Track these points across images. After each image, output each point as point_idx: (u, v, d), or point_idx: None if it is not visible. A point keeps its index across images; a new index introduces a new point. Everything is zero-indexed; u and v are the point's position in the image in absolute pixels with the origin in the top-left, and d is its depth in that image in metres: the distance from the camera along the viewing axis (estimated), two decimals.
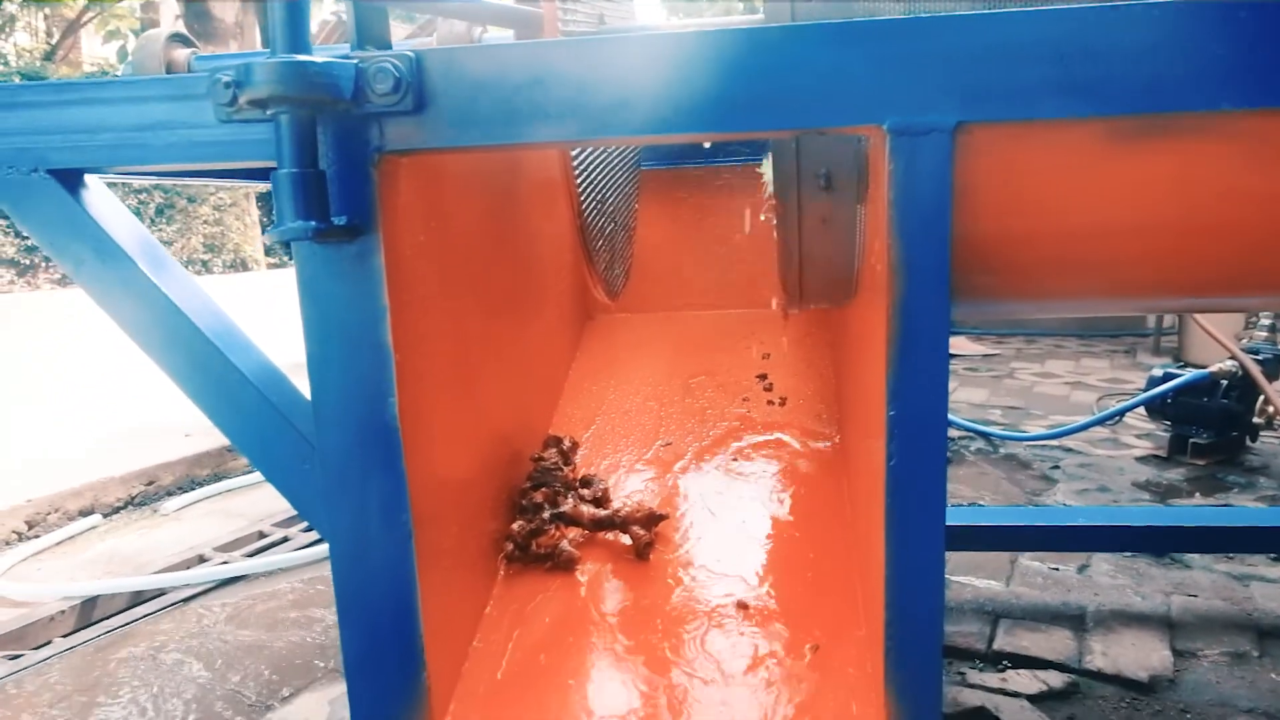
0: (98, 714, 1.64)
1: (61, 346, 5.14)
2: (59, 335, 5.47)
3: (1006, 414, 4.03)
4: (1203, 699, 1.65)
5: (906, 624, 0.98)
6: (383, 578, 1.07)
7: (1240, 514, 2.19)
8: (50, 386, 3.37)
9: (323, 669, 1.79)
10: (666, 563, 1.31)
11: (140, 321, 1.13)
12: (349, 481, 1.06)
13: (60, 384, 2.75)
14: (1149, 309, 1.88)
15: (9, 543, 2.58)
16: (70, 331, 5.52)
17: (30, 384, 4.17)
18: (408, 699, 1.09)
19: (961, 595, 2.09)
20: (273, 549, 2.48)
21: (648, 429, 1.64)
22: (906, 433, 0.95)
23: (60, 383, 2.92)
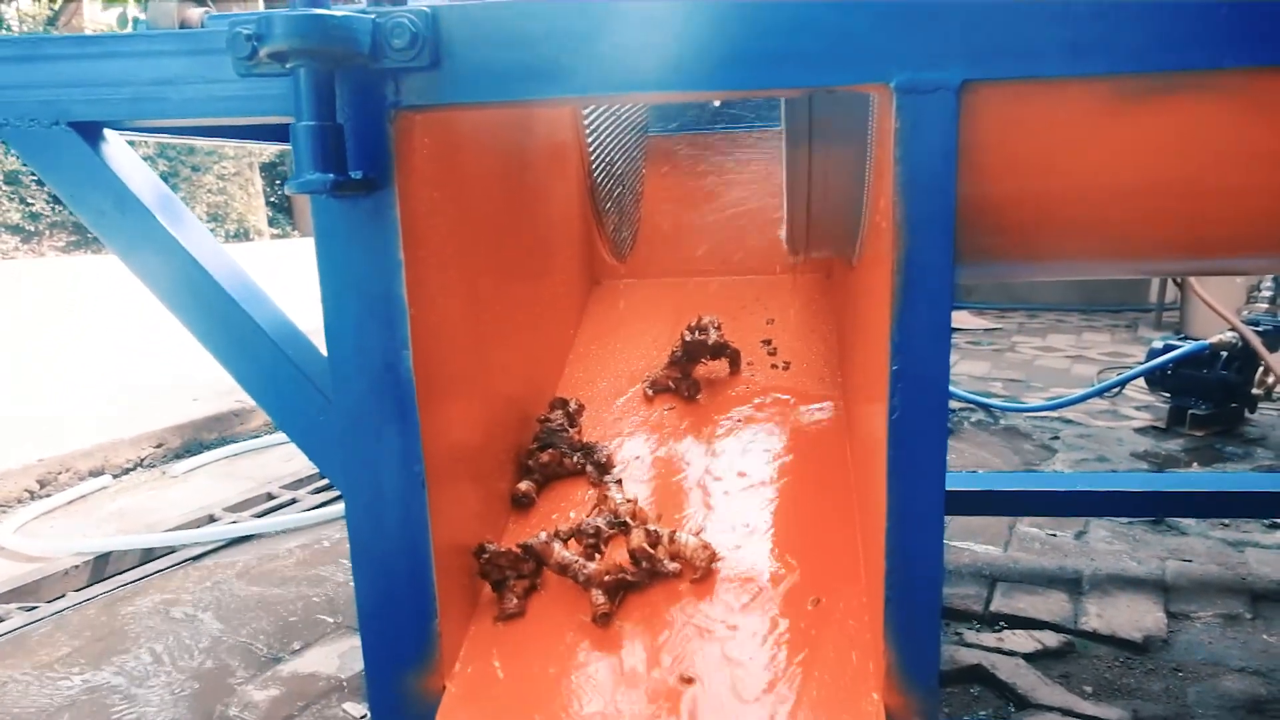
0: (114, 662, 1.68)
1: (67, 313, 5.17)
2: (64, 302, 5.49)
3: (1007, 386, 4.05)
4: (1195, 658, 1.68)
5: (907, 572, 1.01)
6: (396, 527, 1.10)
7: (1235, 479, 2.22)
8: (57, 351, 3.39)
9: (332, 624, 1.82)
10: (673, 519, 1.34)
11: (159, 274, 1.15)
12: (364, 433, 1.08)
13: (66, 349, 2.78)
14: (1153, 271, 1.89)
15: (21, 501, 2.62)
16: (75, 298, 5.55)
17: (37, 348, 4.20)
18: (419, 645, 1.12)
19: (960, 559, 2.13)
20: (281, 510, 2.51)
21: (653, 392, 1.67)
22: (909, 387, 0.97)
23: (66, 348, 2.94)
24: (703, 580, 1.23)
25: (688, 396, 1.62)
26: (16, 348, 4.08)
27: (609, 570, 1.20)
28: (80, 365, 3.92)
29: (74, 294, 5.56)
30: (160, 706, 1.53)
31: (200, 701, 1.54)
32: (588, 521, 1.28)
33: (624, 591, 1.22)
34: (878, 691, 1.05)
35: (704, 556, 1.23)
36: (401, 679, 1.13)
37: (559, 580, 1.25)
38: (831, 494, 1.38)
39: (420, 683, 1.12)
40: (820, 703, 1.06)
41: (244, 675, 1.63)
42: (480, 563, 1.22)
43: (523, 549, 1.22)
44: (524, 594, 1.23)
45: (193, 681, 1.61)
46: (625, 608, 1.21)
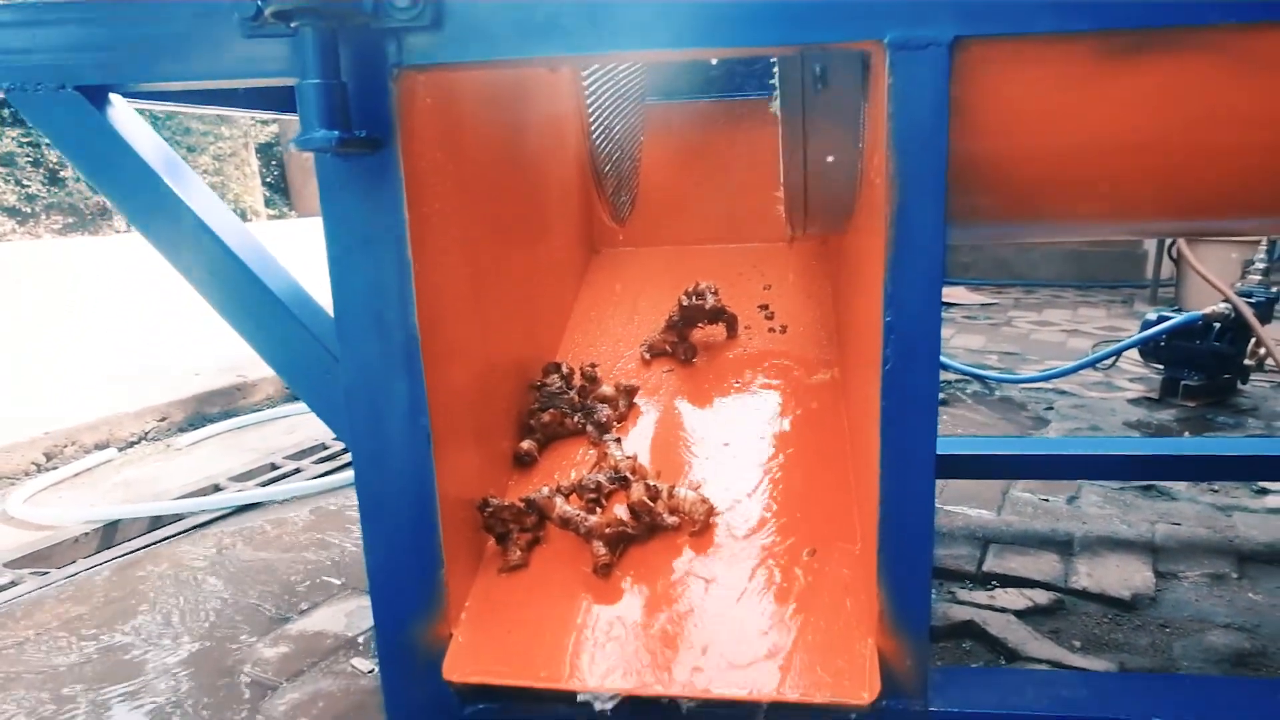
0: (126, 624, 1.71)
1: (65, 292, 5.18)
2: (62, 282, 5.51)
3: (1003, 359, 4.08)
4: (1182, 615, 1.72)
5: (900, 519, 1.04)
6: (402, 480, 1.13)
7: (1223, 444, 2.25)
8: (57, 330, 3.41)
9: (338, 586, 1.86)
10: (671, 477, 1.37)
11: (167, 236, 1.18)
12: (370, 387, 1.11)
13: (66, 327, 2.80)
14: (1145, 231, 1.92)
15: (28, 473, 2.65)
16: (73, 278, 5.56)
17: (37, 327, 4.22)
18: (426, 595, 1.16)
19: (953, 523, 2.16)
20: (285, 479, 2.54)
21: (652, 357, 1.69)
22: (901, 339, 1.00)
23: (66, 326, 2.97)
24: (701, 533, 1.26)
25: (685, 360, 1.64)
26: (15, 327, 4.10)
27: (610, 523, 1.23)
28: (80, 342, 3.94)
29: (71, 275, 5.57)
30: (173, 664, 1.57)
31: (212, 659, 1.58)
32: (589, 477, 1.31)
33: (624, 544, 1.25)
34: (871, 636, 1.09)
35: (702, 510, 1.26)
36: (409, 628, 1.17)
37: (561, 534, 1.28)
38: (827, 453, 1.41)
39: (427, 632, 1.16)
40: (815, 646, 1.10)
41: (254, 634, 1.66)
42: (484, 516, 1.25)
43: (525, 503, 1.25)
44: (527, 547, 1.26)
45: (204, 640, 1.64)
46: (625, 560, 1.25)
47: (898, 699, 1.09)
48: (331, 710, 1.43)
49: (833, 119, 1.11)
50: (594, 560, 1.21)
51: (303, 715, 1.42)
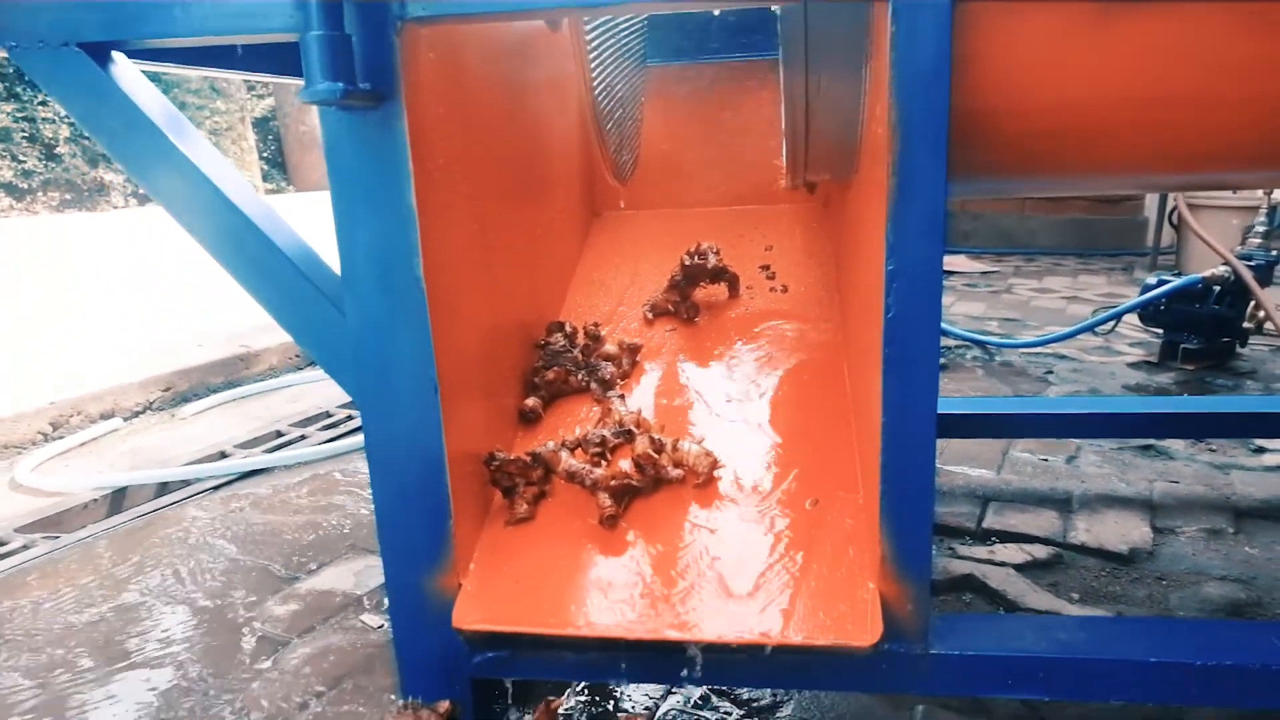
0: (138, 583, 1.73)
1: (66, 267, 5.17)
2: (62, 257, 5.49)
3: (1003, 325, 4.09)
4: (1179, 568, 1.75)
5: (902, 465, 1.06)
6: (410, 432, 1.14)
7: (1221, 402, 2.27)
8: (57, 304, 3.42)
9: (345, 547, 1.88)
10: (675, 431, 1.39)
11: (173, 192, 1.18)
12: (378, 341, 1.12)
13: (66, 302, 2.80)
14: (1145, 185, 1.91)
15: (35, 443, 2.67)
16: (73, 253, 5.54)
17: (38, 302, 4.22)
18: (435, 546, 1.17)
19: (954, 482, 2.18)
20: (291, 446, 2.56)
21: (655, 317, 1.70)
22: (903, 286, 1.01)
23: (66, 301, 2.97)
24: (705, 486, 1.28)
25: (687, 319, 1.66)
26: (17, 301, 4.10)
27: (615, 476, 1.24)
28: (82, 316, 3.95)
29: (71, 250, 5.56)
30: (186, 621, 1.59)
31: (224, 616, 1.60)
32: (593, 432, 1.32)
33: (629, 497, 1.27)
34: (873, 581, 1.11)
35: (706, 463, 1.28)
36: (419, 578, 1.19)
37: (567, 488, 1.30)
38: (829, 408, 1.42)
39: (436, 582, 1.18)
40: (818, 592, 1.12)
41: (264, 593, 1.69)
42: (491, 470, 1.26)
43: (531, 457, 1.27)
44: (533, 500, 1.27)
45: (215, 599, 1.67)
46: (630, 512, 1.27)
47: (899, 642, 1.11)
48: (342, 663, 1.46)
49: (834, 67, 1.11)
50: (599, 512, 1.23)
51: (314, 668, 1.44)
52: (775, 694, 1.35)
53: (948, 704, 1.32)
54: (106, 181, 10.15)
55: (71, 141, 9.77)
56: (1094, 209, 6.77)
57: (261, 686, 1.40)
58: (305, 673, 1.43)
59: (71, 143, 9.78)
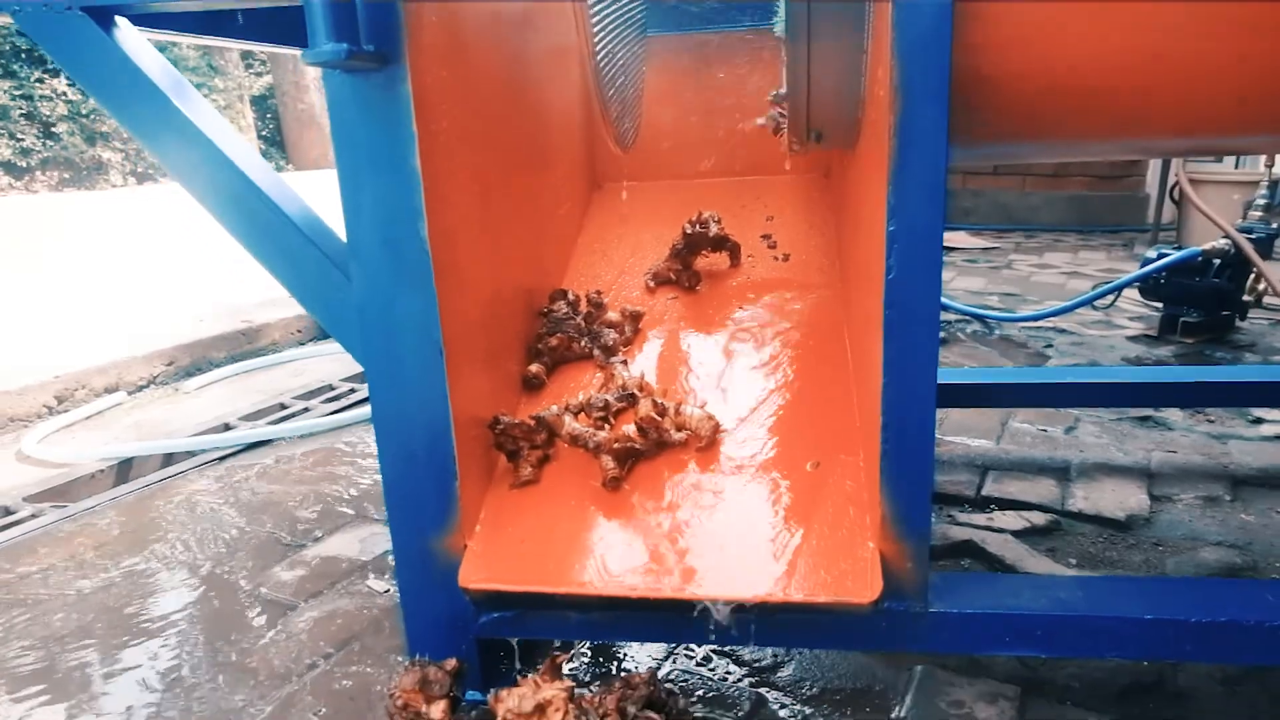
0: (147, 550, 1.75)
1: (65, 246, 5.18)
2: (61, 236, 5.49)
3: (1003, 300, 4.10)
4: (1175, 534, 1.76)
5: (902, 425, 1.07)
6: (416, 394, 1.16)
7: (1220, 371, 2.28)
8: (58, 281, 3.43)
9: (350, 515, 1.90)
10: (676, 393, 1.40)
11: (177, 157, 1.19)
12: (382, 303, 1.13)
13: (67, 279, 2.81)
14: (1148, 150, 1.90)
15: (40, 416, 2.69)
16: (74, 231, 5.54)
17: (39, 278, 4.23)
18: (441, 508, 1.19)
19: (953, 451, 2.20)
20: (294, 418, 2.58)
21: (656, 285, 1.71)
22: (904, 247, 1.02)
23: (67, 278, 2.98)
24: (707, 449, 1.30)
25: (689, 287, 1.66)
26: (18, 277, 4.11)
27: (618, 439, 1.26)
28: (82, 291, 3.95)
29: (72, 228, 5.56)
30: (193, 586, 1.61)
31: (232, 581, 1.62)
32: (597, 396, 1.34)
33: (632, 460, 1.28)
34: (873, 540, 1.13)
35: (709, 427, 1.29)
36: (425, 540, 1.21)
37: (571, 452, 1.31)
38: (829, 372, 1.43)
39: (443, 543, 1.20)
40: (819, 551, 1.13)
41: (271, 559, 1.71)
42: (495, 434, 1.28)
43: (535, 421, 1.28)
44: (538, 464, 1.29)
45: (222, 565, 1.69)
46: (633, 475, 1.28)
47: (899, 600, 1.13)
48: (349, 626, 1.48)
49: (836, 29, 1.12)
50: (603, 474, 1.25)
51: (321, 630, 1.47)
52: (776, 654, 1.38)
53: (946, 663, 1.34)
54: (104, 160, 10.10)
55: (69, 119, 9.73)
56: (1095, 185, 6.76)
57: (270, 648, 1.42)
58: (313, 635, 1.45)
59: (69, 120, 9.73)
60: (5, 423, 2.61)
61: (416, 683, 1.15)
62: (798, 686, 1.30)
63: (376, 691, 1.31)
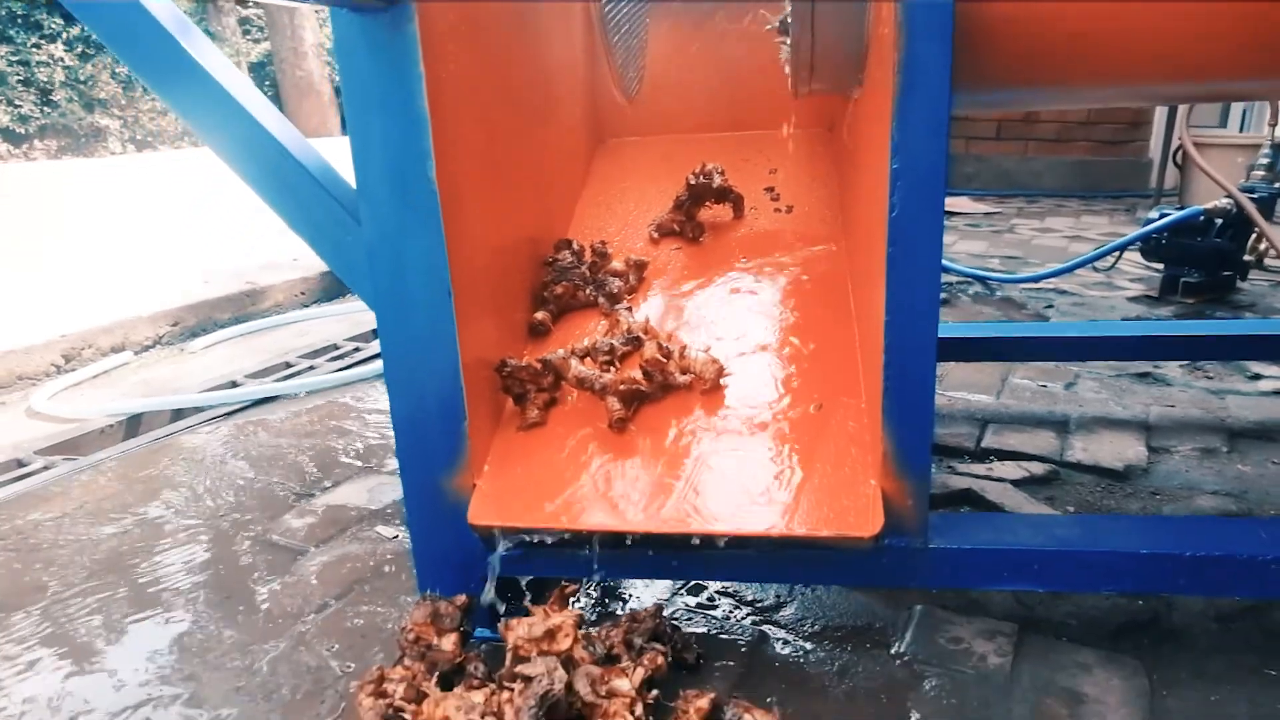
0: (158, 499, 1.78)
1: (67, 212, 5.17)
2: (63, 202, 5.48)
3: (1005, 263, 4.11)
4: (1172, 484, 1.79)
5: (904, 364, 1.09)
6: (425, 336, 1.17)
7: (1219, 325, 2.30)
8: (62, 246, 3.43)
9: (358, 467, 1.93)
10: (680, 338, 1.42)
11: (189, 102, 1.20)
12: (392, 245, 1.15)
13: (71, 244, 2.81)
14: (1152, 96, 1.88)
15: (48, 374, 2.71)
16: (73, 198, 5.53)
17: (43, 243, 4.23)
18: (450, 448, 1.21)
19: (953, 406, 2.22)
20: (300, 375, 2.60)
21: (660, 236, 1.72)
22: (907, 184, 1.03)
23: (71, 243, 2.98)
24: (712, 392, 1.32)
25: (692, 238, 1.68)
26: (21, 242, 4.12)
27: (624, 381, 1.28)
28: (87, 255, 3.96)
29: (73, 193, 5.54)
30: (206, 532, 1.64)
31: (242, 528, 1.65)
32: (602, 340, 1.35)
33: (638, 402, 1.30)
34: (875, 478, 1.15)
35: (713, 370, 1.31)
36: (435, 479, 1.23)
37: (577, 396, 1.34)
38: (832, 317, 1.45)
39: (452, 482, 1.22)
40: (822, 488, 1.16)
41: (280, 508, 1.73)
42: (502, 377, 1.29)
43: (542, 364, 1.30)
44: (544, 406, 1.31)
45: (234, 513, 1.71)
46: (639, 417, 1.30)
47: (899, 537, 1.16)
48: (360, 569, 1.50)
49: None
50: (609, 415, 1.27)
51: (332, 574, 1.49)
52: (778, 594, 1.40)
53: (945, 603, 1.37)
54: (103, 126, 10.04)
55: (67, 86, 9.66)
56: (1098, 150, 6.73)
57: (281, 590, 1.45)
58: (323, 578, 1.48)
59: (67, 87, 9.66)
60: (14, 381, 2.63)
61: (428, 616, 1.18)
62: (799, 624, 1.33)
63: (388, 629, 1.34)
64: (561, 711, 0.98)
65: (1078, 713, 1.13)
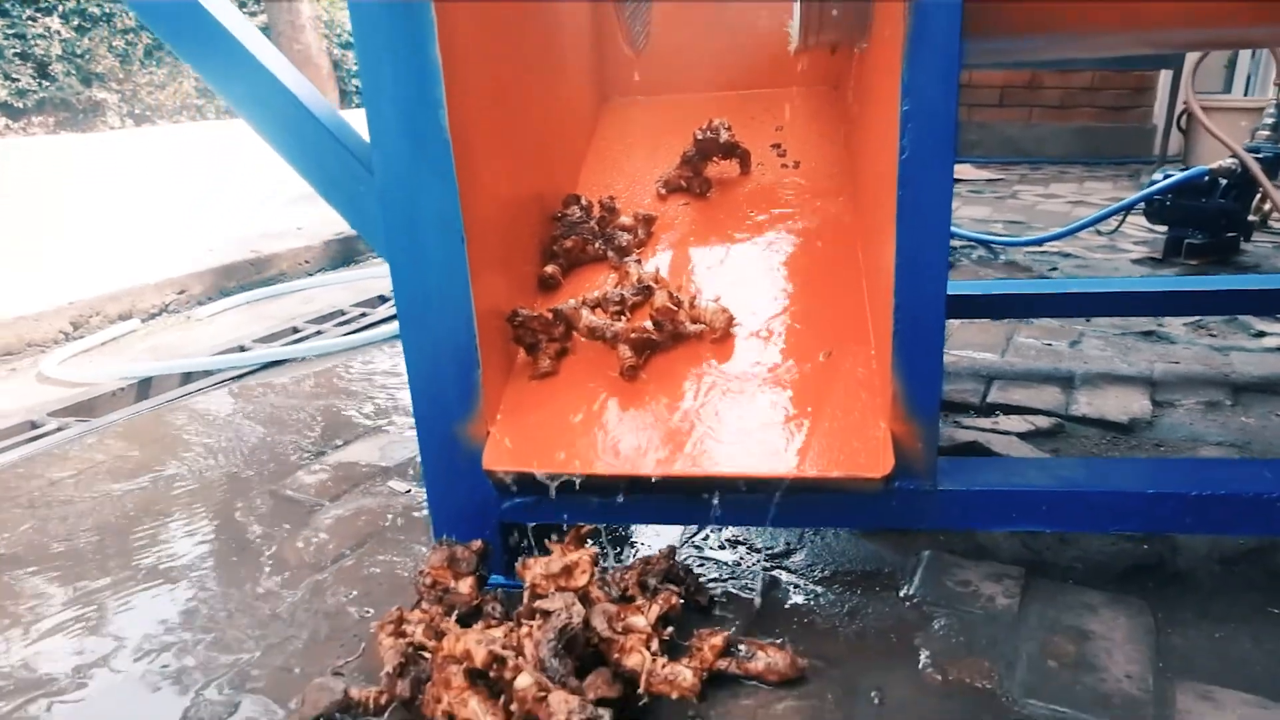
0: (172, 458, 1.80)
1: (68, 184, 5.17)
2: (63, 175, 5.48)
3: (1008, 228, 4.10)
4: (1176, 436, 1.81)
5: (914, 307, 1.10)
6: (439, 284, 1.18)
7: (1224, 280, 2.30)
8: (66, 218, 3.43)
9: (369, 426, 1.94)
10: (689, 291, 1.43)
11: (203, 56, 1.20)
12: (405, 193, 1.15)
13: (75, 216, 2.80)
14: (1149, 41, 1.87)
15: (57, 341, 2.72)
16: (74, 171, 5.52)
17: (48, 216, 4.23)
18: (464, 396, 1.22)
19: (959, 364, 2.23)
20: (308, 340, 2.61)
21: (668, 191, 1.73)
22: (918, 126, 1.04)
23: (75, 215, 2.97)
24: (722, 341, 1.33)
25: (700, 194, 1.68)
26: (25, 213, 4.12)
27: (635, 329, 1.29)
28: (90, 226, 3.96)
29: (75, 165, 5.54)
30: (221, 488, 1.66)
31: (257, 483, 1.67)
32: (613, 291, 1.36)
33: (649, 351, 1.31)
34: (885, 421, 1.16)
35: (723, 319, 1.32)
36: (450, 427, 1.24)
37: (587, 346, 1.35)
38: (841, 272, 1.46)
39: (466, 429, 1.24)
40: (832, 432, 1.17)
41: (293, 465, 1.75)
42: (514, 327, 1.31)
43: (553, 313, 1.31)
44: (556, 356, 1.32)
45: (247, 469, 1.73)
46: (650, 367, 1.32)
47: (909, 479, 1.17)
48: (374, 522, 1.53)
49: None
50: (621, 363, 1.28)
51: (347, 526, 1.52)
52: (788, 542, 1.42)
53: (952, 548, 1.39)
54: (101, 100, 9.98)
55: (65, 59, 9.59)
56: (1101, 117, 6.70)
57: (298, 542, 1.47)
58: (338, 531, 1.50)
59: (64, 60, 9.60)
60: (24, 347, 2.65)
61: (445, 560, 1.20)
62: (810, 570, 1.35)
63: (404, 577, 1.36)
64: (579, 647, 1.00)
65: (1085, 649, 1.15)
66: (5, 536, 1.52)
